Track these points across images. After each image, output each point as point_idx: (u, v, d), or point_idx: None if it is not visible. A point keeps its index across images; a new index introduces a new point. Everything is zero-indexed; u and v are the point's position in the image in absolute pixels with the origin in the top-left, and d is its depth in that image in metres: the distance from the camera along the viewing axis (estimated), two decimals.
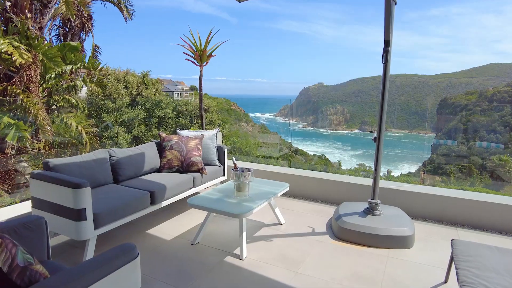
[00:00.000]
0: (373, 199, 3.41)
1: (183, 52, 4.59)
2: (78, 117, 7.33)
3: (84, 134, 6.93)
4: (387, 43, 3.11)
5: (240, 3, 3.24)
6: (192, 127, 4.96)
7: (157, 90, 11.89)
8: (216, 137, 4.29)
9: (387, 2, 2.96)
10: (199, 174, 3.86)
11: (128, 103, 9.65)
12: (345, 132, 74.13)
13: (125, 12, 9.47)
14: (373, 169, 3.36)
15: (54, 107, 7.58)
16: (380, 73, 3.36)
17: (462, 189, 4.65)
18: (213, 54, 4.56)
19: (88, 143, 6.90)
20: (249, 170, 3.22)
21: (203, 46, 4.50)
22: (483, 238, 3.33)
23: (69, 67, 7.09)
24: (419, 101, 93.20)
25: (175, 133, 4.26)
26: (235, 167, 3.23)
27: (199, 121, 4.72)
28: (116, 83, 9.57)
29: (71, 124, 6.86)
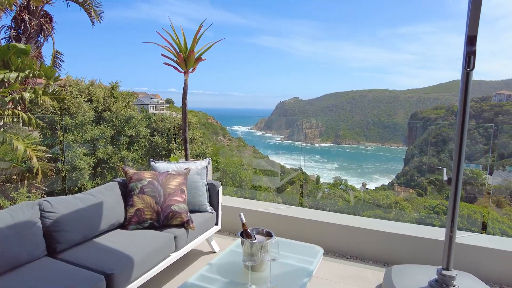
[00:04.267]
0: (447, 268, 2.31)
1: (162, 54, 3.38)
2: (27, 138, 5.86)
3: (35, 159, 5.46)
4: (471, 40, 2.07)
5: None
6: (172, 155, 3.70)
7: (128, 104, 10.47)
8: (207, 170, 3.08)
9: None
10: (183, 229, 2.63)
11: (91, 119, 8.15)
12: (321, 145, 74.49)
13: (92, 12, 8.14)
14: (447, 225, 2.27)
15: None
16: (354, 88, 2.37)
17: None
18: (202, 57, 3.38)
19: (40, 172, 5.44)
20: (269, 234, 2.04)
21: (189, 46, 3.32)
22: None
23: (13, 75, 5.66)
24: (390, 115, 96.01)
25: (148, 166, 3.02)
26: (245, 230, 2.04)
27: (180, 143, 3.55)
28: (77, 95, 8.09)
29: (16, 147, 5.39)
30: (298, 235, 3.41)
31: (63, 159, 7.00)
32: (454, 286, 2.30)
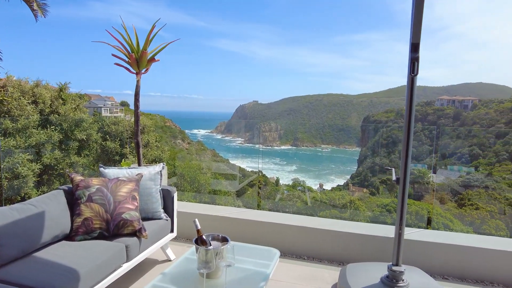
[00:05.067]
0: (396, 264, 2.42)
1: (113, 55, 3.22)
2: None
3: None
4: (415, 47, 2.20)
5: None
6: (124, 161, 3.52)
7: (78, 107, 9.89)
8: (161, 175, 2.97)
9: None
10: (135, 238, 2.50)
11: (37, 123, 7.61)
12: (281, 148, 75.75)
13: (35, 5, 7.55)
14: (396, 223, 2.38)
15: None
16: (310, 92, 2.49)
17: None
18: (156, 58, 3.26)
19: None
20: (225, 239, 2.00)
21: (141, 46, 3.19)
22: None
23: None
24: (345, 118, 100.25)
25: (98, 172, 2.85)
26: (200, 236, 1.98)
27: (134, 147, 3.39)
28: (20, 96, 7.50)
29: None
30: (257, 239, 3.40)
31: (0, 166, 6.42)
32: (403, 281, 2.41)
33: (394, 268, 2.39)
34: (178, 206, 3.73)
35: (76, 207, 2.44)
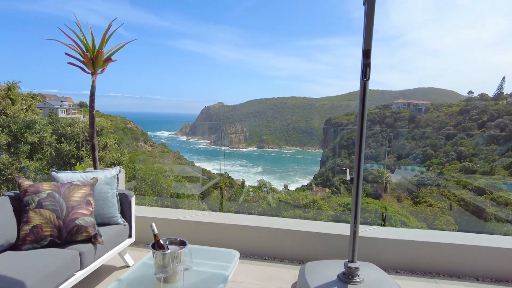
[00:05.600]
0: (352, 261, 2.52)
1: (66, 53, 3.06)
2: None
3: None
4: (367, 53, 2.32)
5: None
6: (79, 164, 3.37)
7: (30, 107, 9.33)
8: (118, 179, 2.88)
9: (370, 3, 2.21)
10: (90, 245, 2.40)
11: None
12: (247, 150, 75.97)
13: None
14: (351, 221, 2.48)
15: None
16: (275, 95, 2.58)
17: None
18: (112, 58, 3.15)
19: None
20: (183, 243, 1.98)
21: (97, 45, 3.06)
22: None
23: None
24: (308, 120, 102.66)
25: (49, 176, 2.70)
26: (157, 241, 1.94)
27: (89, 150, 3.25)
28: None
29: None
30: (218, 241, 3.39)
31: None
32: (358, 277, 2.51)
33: (350, 264, 2.49)
34: (138, 210, 3.65)
35: (24, 214, 2.30)
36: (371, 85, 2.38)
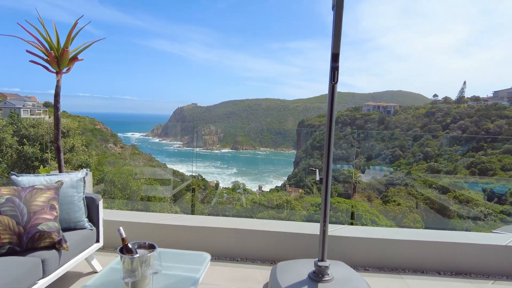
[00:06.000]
0: (322, 260, 2.58)
1: (27, 51, 2.92)
2: None
3: None
4: (335, 57, 2.38)
5: None
6: (42, 167, 3.22)
7: None
8: (84, 182, 2.78)
9: (338, 8, 2.27)
10: (54, 251, 2.30)
11: None
12: (221, 151, 75.56)
13: None
14: (320, 221, 2.54)
15: None
16: (249, 96, 2.65)
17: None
18: (79, 57, 3.04)
19: None
20: (153, 246, 1.94)
21: (62, 44, 2.95)
22: (435, 285, 2.91)
23: None
24: (282, 122, 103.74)
25: (9, 180, 2.57)
26: (125, 245, 1.90)
27: (54, 152, 3.10)
28: None
29: None
30: (190, 244, 3.36)
31: None
32: (328, 275, 2.57)
33: (320, 263, 2.55)
34: (107, 214, 3.54)
35: None
36: (343, 88, 2.47)
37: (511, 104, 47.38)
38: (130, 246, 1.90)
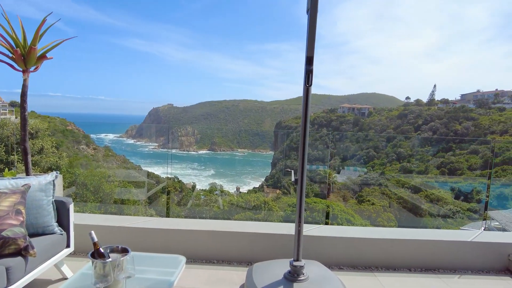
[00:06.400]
0: (297, 259, 2.61)
1: None
2: None
3: None
4: (310, 60, 2.42)
5: None
6: (7, 170, 3.07)
7: None
8: (54, 185, 2.68)
9: (312, 12, 2.31)
10: (20, 258, 2.20)
11: None
12: (198, 152, 74.85)
13: None
14: (295, 221, 2.57)
15: None
16: (226, 97, 2.69)
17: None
18: (48, 55, 2.93)
19: None
20: (126, 250, 1.90)
21: (29, 41, 2.83)
22: (407, 281, 3.01)
23: None
24: (259, 123, 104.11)
25: None
26: (97, 249, 1.85)
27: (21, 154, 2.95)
28: None
29: None
30: (166, 247, 3.31)
31: None
32: (303, 274, 2.61)
33: (295, 263, 2.57)
34: (78, 218, 3.43)
35: None
36: (319, 90, 2.52)
37: (477, 107, 49.83)
38: (102, 250, 1.85)
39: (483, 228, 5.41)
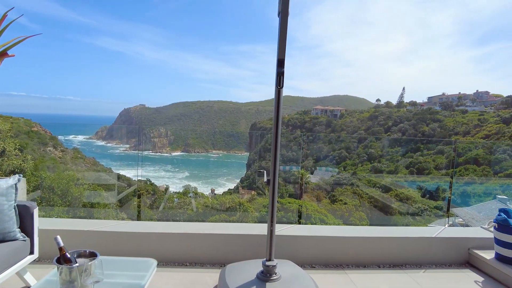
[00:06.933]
0: (269, 259, 2.63)
1: None
2: None
3: None
4: (281, 63, 2.46)
5: None
6: None
7: None
8: (16, 189, 2.56)
9: (283, 15, 2.35)
10: None
11: None
12: (172, 154, 73.62)
13: None
14: (268, 221, 2.59)
15: None
16: (201, 98, 2.71)
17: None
18: (9, 53, 2.79)
19: None
20: (94, 254, 1.85)
21: None
22: (376, 277, 3.11)
23: None
24: (234, 124, 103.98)
25: None
26: (63, 254, 1.79)
27: None
28: None
29: None
30: (137, 251, 3.24)
31: None
32: (276, 274, 2.64)
33: (268, 263, 2.60)
34: (44, 223, 3.30)
35: None
36: (294, 92, 2.56)
37: (443, 109, 52.30)
38: (68, 255, 1.79)
39: (447, 224, 5.69)
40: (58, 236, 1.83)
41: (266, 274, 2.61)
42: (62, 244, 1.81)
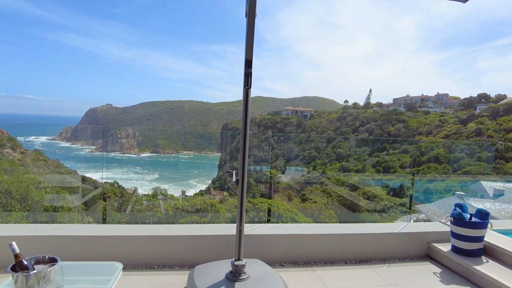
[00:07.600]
0: (238, 259, 2.64)
1: None
2: None
3: None
4: (248, 63, 2.48)
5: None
6: None
7: None
8: None
9: (250, 16, 2.37)
10: None
11: None
12: (141, 155, 71.69)
13: None
14: (237, 220, 2.60)
15: None
16: (171, 98, 2.72)
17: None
18: None
19: None
20: (54, 259, 1.77)
21: None
22: (344, 273, 3.20)
23: None
24: (205, 125, 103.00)
25: None
26: (19, 261, 1.70)
27: None
28: None
29: None
30: (103, 255, 3.13)
31: None
32: (245, 273, 2.65)
33: (236, 263, 2.61)
34: (1, 229, 3.12)
35: None
36: (265, 93, 2.58)
37: (407, 110, 54.69)
38: (25, 262, 1.70)
39: (412, 221, 5.96)
40: (14, 242, 1.74)
41: (235, 274, 2.61)
42: (18, 250, 1.72)
